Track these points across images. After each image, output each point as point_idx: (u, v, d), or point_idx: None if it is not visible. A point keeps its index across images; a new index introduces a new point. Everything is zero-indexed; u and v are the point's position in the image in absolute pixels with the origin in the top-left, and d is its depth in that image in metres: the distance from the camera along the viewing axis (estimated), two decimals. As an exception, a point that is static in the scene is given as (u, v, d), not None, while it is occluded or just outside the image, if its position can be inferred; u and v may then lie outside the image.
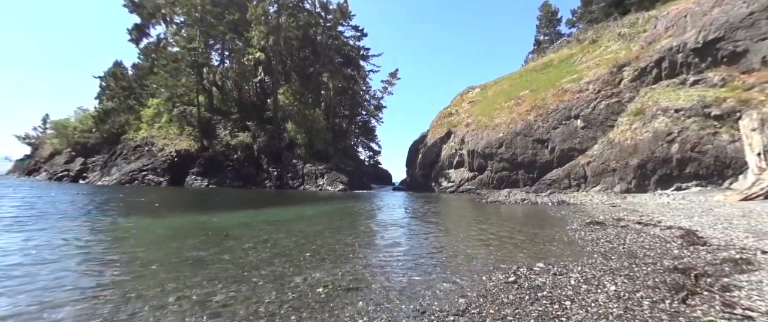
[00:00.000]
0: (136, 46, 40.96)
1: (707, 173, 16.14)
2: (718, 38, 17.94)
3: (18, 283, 4.39)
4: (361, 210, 14.67)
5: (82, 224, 9.02)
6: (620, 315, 3.30)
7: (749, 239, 6.37)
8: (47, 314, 3.50)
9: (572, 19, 45.61)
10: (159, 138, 32.53)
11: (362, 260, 5.88)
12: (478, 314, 3.45)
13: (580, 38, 33.80)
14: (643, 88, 20.44)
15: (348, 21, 43.36)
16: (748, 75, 16.58)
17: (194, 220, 10.41)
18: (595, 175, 19.65)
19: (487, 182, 24.88)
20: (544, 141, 22.45)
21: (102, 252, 6.24)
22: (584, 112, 21.49)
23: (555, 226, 9.51)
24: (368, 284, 4.51)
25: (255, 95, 40.10)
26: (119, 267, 5.24)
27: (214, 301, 3.86)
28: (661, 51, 20.34)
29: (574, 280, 4.45)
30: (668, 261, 5.27)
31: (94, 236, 7.53)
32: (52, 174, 35.30)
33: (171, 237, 7.71)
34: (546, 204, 15.79)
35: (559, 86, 24.85)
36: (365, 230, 9.47)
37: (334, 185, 29.08)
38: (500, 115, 26.78)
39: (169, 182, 27.75)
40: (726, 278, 4.33)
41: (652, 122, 18.38)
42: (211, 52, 39.63)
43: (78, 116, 43.41)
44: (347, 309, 3.64)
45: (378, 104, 54.90)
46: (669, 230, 7.84)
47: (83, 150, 37.72)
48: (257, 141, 32.37)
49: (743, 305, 3.45)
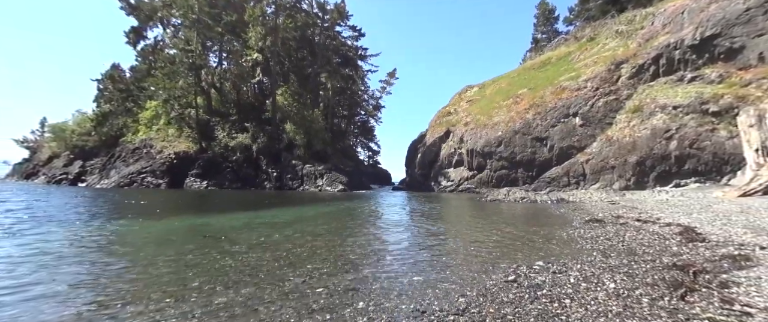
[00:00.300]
0: (133, 48, 40.91)
1: (706, 170, 16.18)
2: (715, 35, 18.00)
3: (17, 288, 4.38)
4: (361, 210, 14.67)
5: (81, 227, 9.00)
6: (619, 313, 3.31)
7: (748, 235, 6.39)
8: (49, 317, 3.49)
9: (569, 16, 45.68)
10: (157, 140, 32.47)
11: (362, 261, 5.88)
12: (477, 313, 3.46)
13: (578, 36, 33.85)
14: (641, 86, 20.49)
15: (345, 21, 43.32)
16: (745, 71, 16.64)
17: (193, 222, 10.40)
18: (594, 172, 19.68)
19: (487, 181, 24.91)
20: (542, 139, 22.49)
21: (101, 255, 6.23)
22: (583, 109, 21.52)
23: (554, 224, 9.53)
24: (368, 285, 4.51)
25: (253, 96, 40.05)
26: (119, 270, 5.24)
27: (214, 303, 3.86)
28: (659, 48, 20.39)
29: (574, 278, 4.46)
30: (667, 258, 5.29)
31: (93, 240, 7.51)
32: (51, 177, 35.19)
33: (170, 240, 7.70)
34: (545, 202, 15.81)
35: (557, 84, 24.88)
36: (365, 231, 9.47)
37: (334, 185, 29.07)
38: (499, 113, 26.80)
39: (168, 184, 27.69)
40: (725, 274, 4.35)
41: (651, 119, 18.43)
42: (208, 54, 39.57)
43: (76, 119, 43.32)
44: (347, 310, 3.64)
45: (377, 104, 54.91)
46: (668, 227, 7.86)
47: (82, 153, 37.64)
48: (256, 142, 32.34)
49: (742, 301, 3.46)
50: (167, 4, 36.06)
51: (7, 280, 4.65)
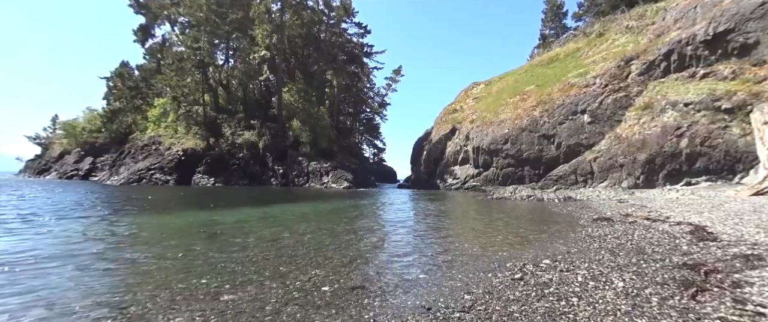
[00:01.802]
0: (141, 46, 41.38)
1: (717, 168, 15.88)
2: (728, 30, 17.58)
3: (24, 283, 4.47)
4: (366, 208, 14.69)
5: (93, 222, 9.16)
6: (628, 312, 3.27)
7: (761, 235, 6.26)
8: (53, 313, 3.56)
9: (578, 12, 44.95)
10: (166, 137, 32.91)
11: (367, 259, 5.89)
12: (484, 311, 3.44)
13: (587, 32, 33.36)
14: (652, 82, 20.13)
15: (351, 18, 43.26)
16: (759, 67, 16.25)
17: (200, 219, 10.52)
18: (602, 170, 19.44)
19: (493, 179, 24.76)
20: (550, 137, 22.26)
21: (109, 251, 6.33)
22: (591, 107, 21.23)
23: (561, 222, 9.43)
24: (374, 282, 4.51)
25: (260, 94, 40.30)
26: (126, 265, 5.32)
27: (221, 300, 3.89)
28: (670, 44, 20.00)
29: (582, 276, 4.41)
30: (677, 257, 5.20)
31: (102, 234, 7.64)
32: (62, 173, 35.90)
33: (178, 236, 7.79)
34: (552, 200, 15.66)
35: (565, 81, 24.58)
36: (370, 228, 9.48)
37: (339, 182, 29.17)
38: (505, 111, 26.58)
39: (176, 180, 28.07)
40: (737, 274, 4.26)
41: (661, 116, 18.12)
42: (216, 52, 39.87)
43: (86, 116, 44.08)
44: (353, 307, 3.65)
45: (382, 101, 54.91)
46: (678, 226, 7.74)
47: (92, 149, 38.34)
48: (262, 139, 32.59)
49: (755, 301, 3.39)
50: (175, 3, 36.35)
51: (12, 282, 4.74)
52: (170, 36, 40.83)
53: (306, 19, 39.17)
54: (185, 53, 34.29)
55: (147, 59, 42.64)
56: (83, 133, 40.74)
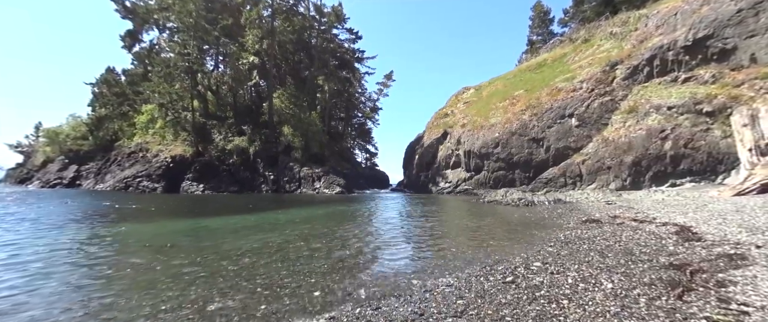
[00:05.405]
0: (128, 51, 40.75)
1: (700, 169, 16.30)
2: (707, 36, 18.18)
3: (12, 294, 4.31)
4: (358, 213, 14.63)
5: (77, 232, 8.90)
6: (617, 313, 3.31)
7: (743, 234, 6.43)
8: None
9: (564, 18, 46.03)
10: (153, 144, 32.28)
11: (359, 264, 5.86)
12: (476, 315, 3.44)
13: (573, 37, 34.10)
14: (636, 86, 20.65)
15: (342, 24, 43.48)
16: (737, 72, 16.81)
17: (188, 226, 10.32)
18: (590, 173, 19.77)
19: (484, 182, 24.96)
20: (539, 140, 22.58)
21: (97, 261, 6.15)
22: (578, 110, 21.65)
23: (552, 225, 9.54)
24: (366, 288, 4.49)
25: (250, 100, 39.97)
26: (116, 276, 5.17)
27: (210, 309, 3.82)
28: (653, 49, 20.57)
29: (572, 278, 4.45)
30: (664, 258, 5.30)
31: (89, 244, 7.43)
32: (45, 182, 34.86)
33: (166, 245, 7.62)
34: (542, 203, 15.84)
35: (553, 85, 25.03)
36: (362, 234, 9.43)
37: (331, 187, 29.00)
38: (495, 115, 26.90)
39: (164, 188, 27.49)
40: (721, 273, 4.36)
41: (646, 120, 18.56)
42: (205, 57, 39.47)
43: (71, 123, 42.99)
44: (345, 314, 3.61)
45: (374, 106, 55.02)
46: (664, 227, 7.90)
47: (77, 157, 37.33)
48: (253, 145, 32.23)
49: (739, 300, 3.47)
50: (163, 8, 35.96)
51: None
52: (158, 41, 40.34)
53: (297, 25, 39.20)
54: (173, 59, 33.86)
55: (134, 64, 41.96)
56: (67, 140, 39.70)
